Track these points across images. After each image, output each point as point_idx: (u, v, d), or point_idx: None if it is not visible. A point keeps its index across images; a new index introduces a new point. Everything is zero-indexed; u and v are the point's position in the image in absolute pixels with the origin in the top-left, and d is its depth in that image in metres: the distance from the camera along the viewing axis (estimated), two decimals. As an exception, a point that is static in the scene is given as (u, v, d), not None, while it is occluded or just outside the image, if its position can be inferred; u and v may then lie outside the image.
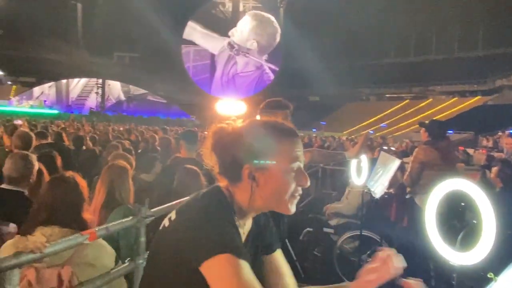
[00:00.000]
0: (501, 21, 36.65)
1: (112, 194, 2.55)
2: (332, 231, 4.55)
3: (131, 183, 2.73)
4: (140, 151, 6.12)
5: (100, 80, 41.76)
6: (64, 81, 43.05)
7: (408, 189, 4.34)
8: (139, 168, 4.12)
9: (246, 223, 1.15)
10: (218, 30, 44.58)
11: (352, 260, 4.29)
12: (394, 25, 43.98)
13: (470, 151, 14.15)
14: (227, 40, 43.99)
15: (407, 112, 38.59)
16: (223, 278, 0.94)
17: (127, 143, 5.45)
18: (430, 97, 43.56)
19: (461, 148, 13.35)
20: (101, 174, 2.71)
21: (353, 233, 4.34)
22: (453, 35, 43.51)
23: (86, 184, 2.04)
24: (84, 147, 5.63)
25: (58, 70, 39.67)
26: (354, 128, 35.69)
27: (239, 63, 44.77)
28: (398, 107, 41.95)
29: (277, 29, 44.00)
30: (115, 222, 2.08)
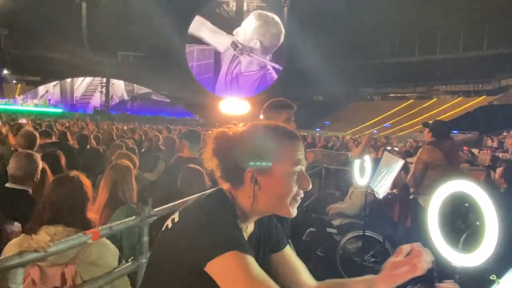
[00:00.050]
0: (506, 20, 36.38)
1: (115, 194, 2.56)
2: (335, 231, 4.54)
3: (134, 183, 2.73)
4: (144, 150, 6.13)
5: (104, 79, 41.93)
6: (68, 80, 43.27)
7: (412, 189, 4.33)
8: (143, 167, 4.14)
9: (249, 227, 1.15)
10: (223, 28, 44.61)
11: (355, 260, 4.28)
12: (398, 24, 43.79)
13: (475, 151, 14.07)
14: (231, 40, 44.01)
15: (411, 112, 38.45)
16: (232, 275, 0.93)
17: (130, 142, 5.46)
18: (435, 96, 43.38)
19: (465, 148, 13.29)
20: (104, 173, 2.72)
21: (356, 233, 4.33)
22: (458, 34, 43.24)
23: (90, 183, 2.05)
24: (88, 146, 5.65)
25: (63, 69, 39.91)
26: (357, 128, 35.60)
27: (243, 63, 44.77)
28: (402, 106, 41.80)
29: (281, 29, 43.91)
30: (118, 221, 2.09)
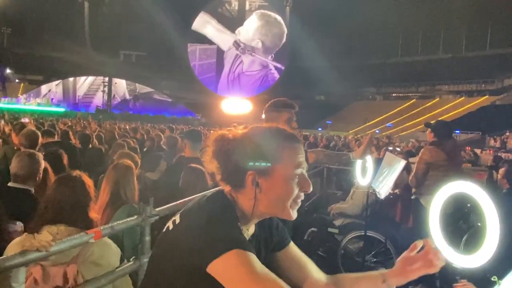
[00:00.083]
0: (509, 20, 36.25)
1: (117, 193, 2.56)
2: (337, 231, 4.53)
3: (136, 182, 2.74)
4: (146, 149, 6.13)
5: (107, 79, 42.01)
6: (71, 79, 43.40)
7: (414, 189, 4.32)
8: (145, 166, 4.15)
9: (249, 229, 1.15)
10: (226, 27, 44.61)
11: (357, 260, 4.28)
12: (401, 23, 43.69)
13: (477, 151, 14.04)
14: (234, 39, 44.02)
15: (414, 112, 38.39)
16: (236, 273, 0.93)
17: (132, 142, 5.47)
18: (437, 96, 43.28)
19: (468, 148, 13.27)
20: (106, 173, 2.73)
21: (357, 233, 4.32)
22: (460, 34, 43.13)
23: (92, 183, 2.05)
24: (90, 146, 5.66)
25: (65, 68, 40.04)
26: (360, 128, 35.57)
27: (245, 62, 44.78)
28: (404, 106, 41.72)
29: (283, 30, 43.86)
30: (120, 221, 2.09)
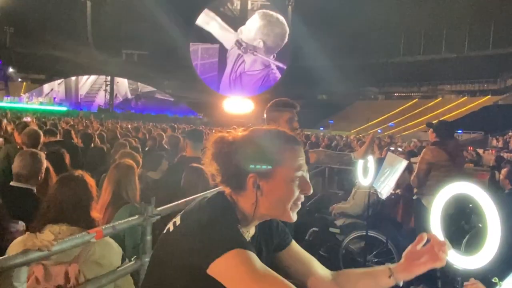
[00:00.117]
0: (512, 19, 36.13)
1: (118, 193, 2.57)
2: (338, 231, 4.53)
3: (138, 182, 2.75)
4: (148, 149, 6.15)
5: (109, 78, 42.08)
6: (73, 78, 43.50)
7: (415, 190, 4.32)
8: (146, 166, 4.15)
9: (250, 231, 1.15)
10: (230, 26, 44.65)
11: (358, 260, 4.28)
12: (403, 23, 43.57)
13: (480, 151, 14.01)
14: (236, 38, 44.03)
15: (416, 111, 38.29)
16: (236, 272, 0.93)
17: (134, 141, 5.48)
18: (439, 96, 43.18)
19: (470, 148, 13.24)
20: (108, 172, 2.74)
21: (359, 233, 4.32)
22: (463, 33, 42.99)
23: (94, 183, 2.06)
24: (92, 145, 5.67)
25: (68, 68, 40.16)
26: (362, 127, 35.52)
27: (247, 62, 44.78)
28: (406, 106, 41.63)
29: (285, 30, 43.80)
30: (121, 220, 2.10)
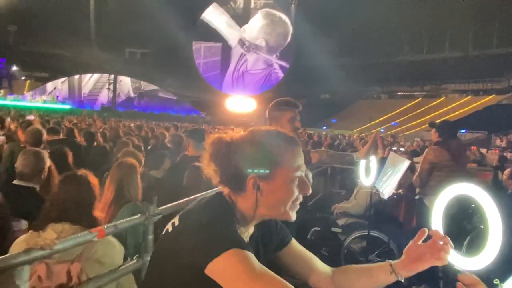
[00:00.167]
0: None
1: (121, 191, 2.58)
2: (340, 231, 4.53)
3: (140, 181, 2.76)
4: (150, 147, 6.16)
5: (112, 76, 42.16)
6: (76, 76, 43.57)
7: (418, 189, 4.31)
8: (149, 164, 4.16)
9: (248, 231, 1.16)
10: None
11: (360, 260, 4.27)
12: (406, 22, 43.40)
13: (483, 150, 13.94)
14: (239, 37, 44.02)
15: (419, 111, 38.17)
16: (234, 272, 0.93)
17: (136, 140, 5.49)
18: (443, 95, 42.98)
19: (474, 147, 13.17)
20: (110, 171, 2.75)
21: (361, 233, 4.32)
22: (467, 33, 42.78)
23: (97, 182, 2.07)
24: (95, 143, 5.69)
25: (71, 66, 40.25)
26: (364, 126, 35.42)
27: (249, 60, 44.76)
28: (410, 105, 41.49)
29: (288, 29, 43.70)
30: (123, 219, 2.11)
